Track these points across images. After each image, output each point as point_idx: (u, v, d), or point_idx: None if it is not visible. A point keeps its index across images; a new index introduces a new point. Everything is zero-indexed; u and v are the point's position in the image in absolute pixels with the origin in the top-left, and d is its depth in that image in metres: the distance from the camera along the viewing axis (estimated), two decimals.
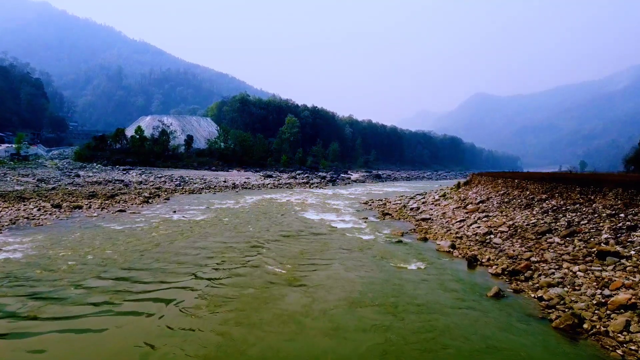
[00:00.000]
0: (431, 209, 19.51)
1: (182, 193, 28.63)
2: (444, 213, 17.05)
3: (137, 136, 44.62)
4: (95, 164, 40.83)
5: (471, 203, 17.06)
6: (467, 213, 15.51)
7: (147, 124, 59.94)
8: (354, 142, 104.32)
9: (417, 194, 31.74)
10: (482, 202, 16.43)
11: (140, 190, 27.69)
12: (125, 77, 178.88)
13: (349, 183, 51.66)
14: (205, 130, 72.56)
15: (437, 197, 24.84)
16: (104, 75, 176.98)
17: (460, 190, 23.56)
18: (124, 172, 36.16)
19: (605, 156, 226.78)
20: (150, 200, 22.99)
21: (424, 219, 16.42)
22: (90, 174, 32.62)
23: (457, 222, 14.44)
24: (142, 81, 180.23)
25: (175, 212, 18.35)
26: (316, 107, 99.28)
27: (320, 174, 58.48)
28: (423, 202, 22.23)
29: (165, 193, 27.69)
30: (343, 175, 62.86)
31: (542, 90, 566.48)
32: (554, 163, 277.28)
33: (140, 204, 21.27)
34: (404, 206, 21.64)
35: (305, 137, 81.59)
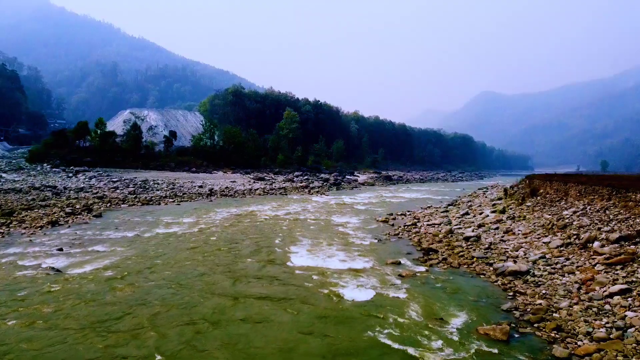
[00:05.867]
0: (504, 240, 11.65)
1: (132, 204, 20.96)
2: (555, 265, 9.13)
3: (98, 131, 36.83)
4: (45, 164, 33.27)
5: (596, 238, 9.13)
6: (619, 269, 7.61)
7: (125, 119, 52.27)
8: (361, 140, 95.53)
9: (449, 205, 23.87)
10: (627, 239, 8.50)
11: (73, 201, 20.06)
12: (120, 74, 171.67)
13: (356, 186, 43.78)
14: (192, 125, 64.59)
15: (490, 213, 16.98)
16: (99, 72, 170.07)
17: (530, 205, 15.61)
18: (71, 175, 28.48)
19: (620, 155, 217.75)
20: (65, 220, 15.43)
21: (515, 274, 8.48)
22: (19, 178, 25.03)
23: (619, 297, 6.53)
24: (137, 78, 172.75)
25: (62, 249, 10.56)
26: (319, 101, 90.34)
27: (322, 175, 50.55)
28: (479, 225, 14.33)
29: (107, 205, 20.10)
30: (349, 177, 54.89)
31: (550, 88, 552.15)
32: (564, 163, 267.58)
33: (41, 227, 13.83)
34: (451, 232, 13.73)
35: (307, 134, 73.27)
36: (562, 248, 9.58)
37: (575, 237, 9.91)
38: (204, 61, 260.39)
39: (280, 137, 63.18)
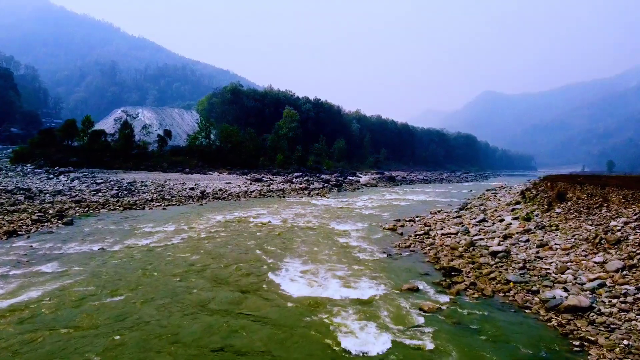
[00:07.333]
0: (540, 257, 9.65)
1: (113, 209, 18.98)
2: (625, 297, 7.13)
3: (87, 130, 34.81)
4: (29, 164, 31.37)
5: None
6: None
7: (116, 117, 50.36)
8: (362, 140, 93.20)
9: (461, 209, 21.88)
10: None
11: (47, 205, 18.10)
12: (119, 73, 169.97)
13: (358, 188, 41.73)
14: (188, 124, 62.71)
15: (512, 220, 14.95)
16: (98, 71, 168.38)
17: (560, 212, 13.57)
18: (53, 176, 26.52)
19: (624, 155, 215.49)
20: (27, 229, 13.48)
21: (575, 310, 6.47)
22: None
23: None
24: (137, 77, 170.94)
25: None
26: (319, 99, 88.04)
27: (323, 176, 48.55)
28: (505, 236, 12.32)
29: (85, 209, 18.16)
30: (350, 177, 52.88)
31: (552, 88, 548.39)
32: (567, 163, 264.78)
33: None
34: (472, 244, 11.72)
35: (307, 134, 71.13)
36: (625, 272, 7.57)
37: (639, 257, 7.90)
38: (204, 60, 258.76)
39: (279, 137, 61.06)
